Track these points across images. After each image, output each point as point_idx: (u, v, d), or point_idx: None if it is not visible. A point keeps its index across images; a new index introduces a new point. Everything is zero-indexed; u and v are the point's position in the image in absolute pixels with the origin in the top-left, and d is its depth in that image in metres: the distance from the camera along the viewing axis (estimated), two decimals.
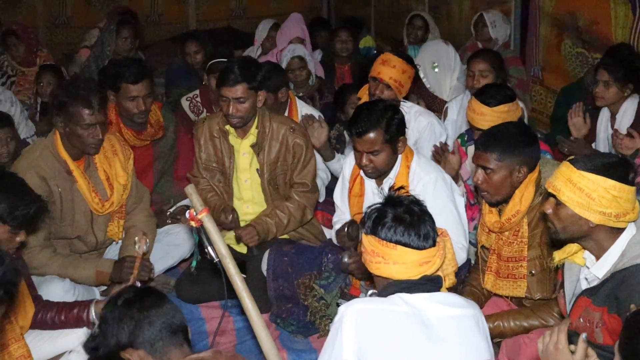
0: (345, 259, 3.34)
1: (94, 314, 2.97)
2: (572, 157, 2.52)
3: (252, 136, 3.78)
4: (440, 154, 3.86)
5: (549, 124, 5.39)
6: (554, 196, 2.45)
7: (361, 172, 3.48)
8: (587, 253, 2.51)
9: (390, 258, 2.23)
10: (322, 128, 4.30)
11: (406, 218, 2.25)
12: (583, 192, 2.35)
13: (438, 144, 3.99)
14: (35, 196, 2.91)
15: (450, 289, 2.60)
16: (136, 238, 3.41)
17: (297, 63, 5.24)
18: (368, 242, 2.28)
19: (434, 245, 2.28)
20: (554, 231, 2.50)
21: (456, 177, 3.75)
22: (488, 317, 2.95)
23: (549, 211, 2.48)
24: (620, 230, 2.41)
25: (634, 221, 2.41)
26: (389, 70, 4.06)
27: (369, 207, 2.36)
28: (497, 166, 2.93)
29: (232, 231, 3.86)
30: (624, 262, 2.37)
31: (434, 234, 2.28)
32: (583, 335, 2.05)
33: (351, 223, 3.46)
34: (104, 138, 3.58)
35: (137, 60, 4.53)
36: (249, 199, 3.90)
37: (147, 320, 2.11)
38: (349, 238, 3.43)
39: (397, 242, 2.23)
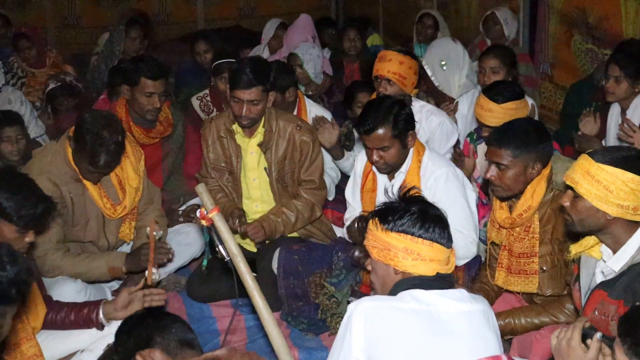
0: (357, 253, 3.33)
1: (102, 314, 2.97)
2: (590, 150, 2.50)
3: (259, 135, 3.78)
4: (458, 160, 3.84)
5: (558, 120, 5.38)
6: (572, 188, 2.43)
7: (373, 167, 3.49)
8: (603, 247, 2.49)
9: (427, 255, 2.23)
10: (334, 130, 4.28)
11: (434, 217, 2.26)
12: (601, 184, 2.34)
13: (451, 147, 3.99)
14: (43, 196, 2.87)
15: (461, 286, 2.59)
16: (147, 229, 3.42)
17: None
18: (397, 239, 2.24)
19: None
20: (571, 223, 2.48)
21: (470, 179, 3.74)
22: (499, 315, 2.95)
23: (567, 203, 2.46)
24: (638, 224, 2.39)
25: None
26: (385, 64, 4.06)
27: (384, 204, 2.34)
28: (512, 162, 2.92)
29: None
30: None
31: (451, 233, 2.30)
32: (598, 335, 2.03)
33: (362, 218, 3.45)
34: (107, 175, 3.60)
35: (155, 58, 4.56)
36: (258, 198, 3.91)
37: (163, 325, 2.21)
38: (359, 233, 3.43)
39: (434, 241, 2.23)
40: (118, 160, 3.53)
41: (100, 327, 2.97)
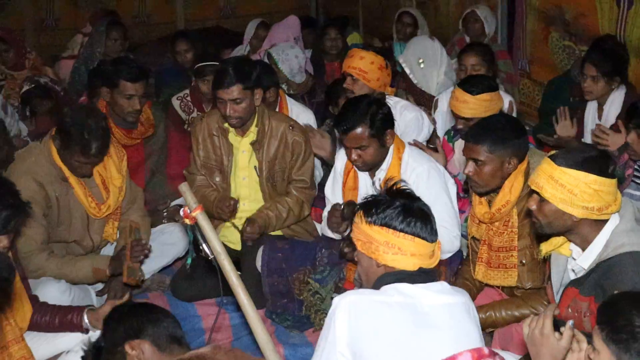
0: (345, 249, 3.34)
1: (86, 320, 2.97)
2: (553, 152, 2.54)
3: (252, 134, 3.81)
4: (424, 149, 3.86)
5: (537, 116, 5.44)
6: (537, 193, 2.48)
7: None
8: (573, 244, 2.55)
9: (408, 250, 2.24)
10: (324, 138, 4.25)
11: (417, 211, 2.27)
12: (565, 188, 2.38)
13: (425, 140, 4.01)
14: (10, 203, 2.72)
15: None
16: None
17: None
18: (379, 233, 2.26)
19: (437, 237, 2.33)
20: (539, 226, 2.53)
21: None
22: (480, 308, 2.99)
23: (534, 207, 2.51)
24: (604, 222, 2.45)
25: (616, 212, 2.45)
26: (348, 60, 4.17)
27: (370, 197, 2.36)
28: (488, 158, 2.96)
29: (230, 229, 3.89)
30: (608, 252, 2.41)
31: (436, 227, 2.32)
32: (570, 322, 2.08)
33: (348, 204, 3.43)
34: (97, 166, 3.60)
35: (135, 60, 4.55)
36: (246, 197, 3.92)
37: (156, 318, 2.22)
38: (342, 219, 3.41)
39: (416, 235, 2.25)
40: (107, 145, 3.54)
41: (86, 331, 2.99)
